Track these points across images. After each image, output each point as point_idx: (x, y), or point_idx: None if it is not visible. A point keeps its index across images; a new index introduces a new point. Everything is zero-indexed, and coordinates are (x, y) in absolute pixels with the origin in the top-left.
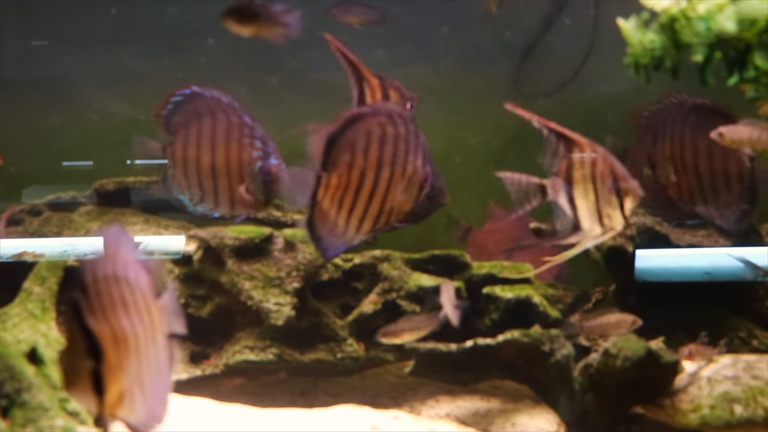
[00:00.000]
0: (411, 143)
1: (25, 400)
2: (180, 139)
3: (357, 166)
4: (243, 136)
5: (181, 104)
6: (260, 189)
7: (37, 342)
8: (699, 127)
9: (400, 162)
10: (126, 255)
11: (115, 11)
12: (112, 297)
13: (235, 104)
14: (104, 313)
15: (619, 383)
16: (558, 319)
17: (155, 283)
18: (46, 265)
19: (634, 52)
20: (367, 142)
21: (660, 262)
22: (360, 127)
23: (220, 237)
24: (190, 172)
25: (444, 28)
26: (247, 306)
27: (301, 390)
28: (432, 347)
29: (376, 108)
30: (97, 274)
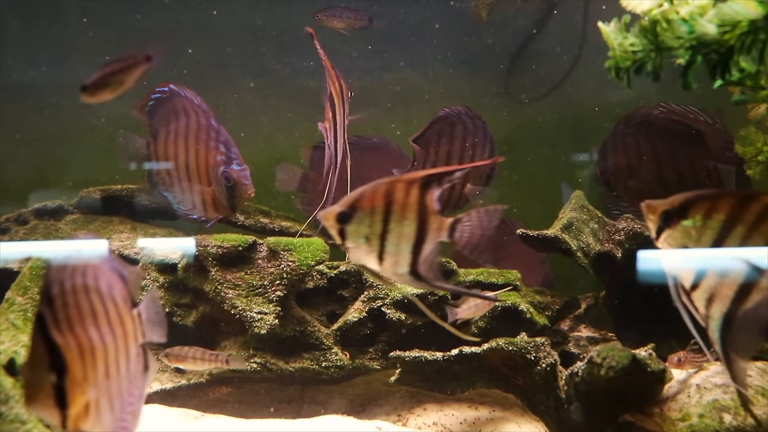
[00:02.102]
0: (480, 138)
1: (2, 412)
2: (161, 136)
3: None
4: (209, 139)
5: (161, 101)
6: (224, 194)
7: (16, 353)
8: (651, 138)
9: (468, 155)
10: (97, 264)
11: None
12: (80, 308)
13: (204, 106)
14: (71, 325)
15: (605, 392)
16: (546, 326)
17: (130, 293)
18: (29, 275)
19: (615, 56)
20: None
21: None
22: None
23: (204, 245)
24: (171, 169)
25: (433, 33)
26: (231, 315)
27: (289, 398)
28: (417, 355)
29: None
30: (65, 285)
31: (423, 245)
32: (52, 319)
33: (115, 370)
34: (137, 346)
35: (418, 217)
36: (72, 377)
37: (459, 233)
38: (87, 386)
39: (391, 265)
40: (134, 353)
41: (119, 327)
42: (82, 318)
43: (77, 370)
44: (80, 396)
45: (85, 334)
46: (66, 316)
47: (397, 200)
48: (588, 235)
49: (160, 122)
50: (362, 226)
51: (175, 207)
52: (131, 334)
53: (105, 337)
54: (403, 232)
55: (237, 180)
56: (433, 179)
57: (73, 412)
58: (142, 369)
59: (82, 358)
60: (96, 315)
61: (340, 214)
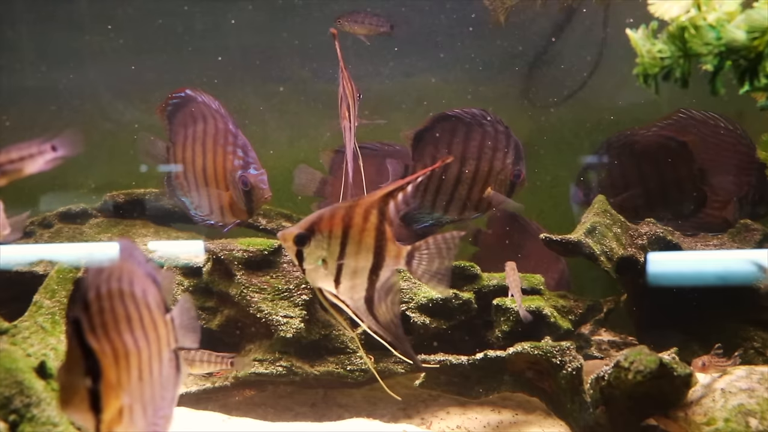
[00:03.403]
0: (500, 142)
1: (34, 415)
2: (179, 141)
3: None
4: (227, 144)
5: (178, 106)
6: (241, 198)
7: (46, 356)
8: (633, 157)
9: (487, 158)
10: (132, 269)
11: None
12: (116, 313)
13: (222, 110)
14: (106, 330)
15: (631, 396)
16: (569, 330)
17: (163, 298)
18: (56, 278)
19: (643, 62)
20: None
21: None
22: (445, 125)
23: (229, 249)
24: (189, 174)
25: (452, 37)
26: (257, 318)
27: (312, 402)
28: (442, 358)
29: (462, 110)
30: (101, 290)
31: (380, 271)
32: (87, 324)
33: (148, 374)
34: (170, 351)
35: (376, 243)
36: (106, 382)
37: (417, 261)
38: (121, 391)
39: (347, 289)
40: (167, 358)
41: (153, 332)
42: (117, 323)
43: (112, 374)
44: (114, 401)
45: (120, 339)
46: (101, 321)
47: (355, 225)
48: (611, 240)
49: (178, 127)
50: (320, 249)
51: (192, 212)
52: (164, 339)
53: (139, 342)
54: (360, 257)
55: (254, 184)
56: (389, 199)
57: (107, 417)
58: (174, 374)
59: (116, 363)
60: (130, 320)
61: (298, 235)
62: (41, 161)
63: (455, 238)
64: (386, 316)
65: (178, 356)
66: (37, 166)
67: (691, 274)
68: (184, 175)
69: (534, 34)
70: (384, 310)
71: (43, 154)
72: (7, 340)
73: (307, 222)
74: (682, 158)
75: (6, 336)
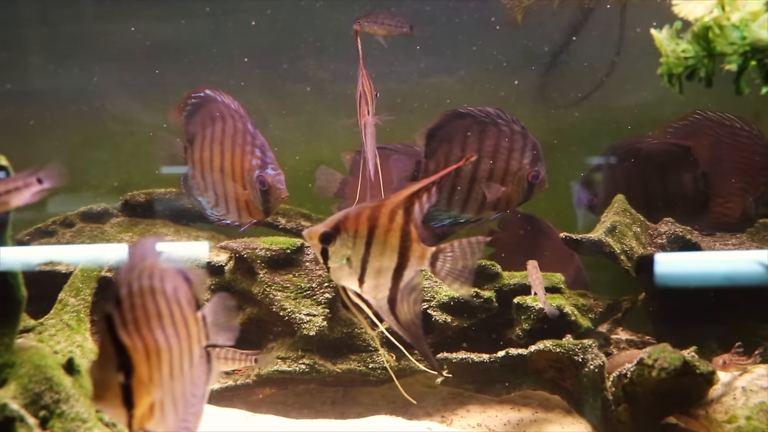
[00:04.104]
0: (516, 142)
1: (63, 410)
2: (197, 141)
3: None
4: (245, 144)
5: (197, 106)
6: (258, 198)
7: (73, 353)
8: (636, 164)
9: (503, 157)
10: (163, 266)
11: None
12: (147, 310)
13: (241, 111)
14: (137, 326)
15: (653, 394)
16: (589, 329)
17: (194, 295)
18: (81, 276)
19: (668, 62)
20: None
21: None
22: (459, 123)
23: (252, 248)
24: (206, 174)
25: (469, 38)
26: (279, 316)
27: (332, 399)
28: (464, 356)
29: (476, 108)
30: (133, 287)
31: (404, 271)
32: (120, 320)
33: (179, 371)
34: (200, 348)
35: (401, 243)
36: (138, 377)
37: (441, 262)
38: (152, 387)
39: (370, 289)
40: (197, 355)
41: (183, 329)
42: (148, 319)
43: (143, 370)
44: (146, 396)
45: (151, 336)
46: (133, 317)
47: (380, 225)
48: (631, 239)
49: (196, 127)
50: (345, 247)
51: (208, 212)
52: (195, 336)
53: (170, 338)
54: (385, 257)
55: (271, 184)
56: (414, 199)
57: (139, 412)
58: (205, 371)
59: (148, 359)
60: (162, 317)
61: (324, 234)
62: (27, 194)
63: (480, 242)
64: (407, 315)
65: (209, 354)
66: (24, 199)
67: (709, 274)
68: (201, 175)
69: (551, 34)
70: (405, 309)
71: (29, 187)
72: (34, 338)
73: (333, 221)
74: (685, 163)
75: (32, 333)
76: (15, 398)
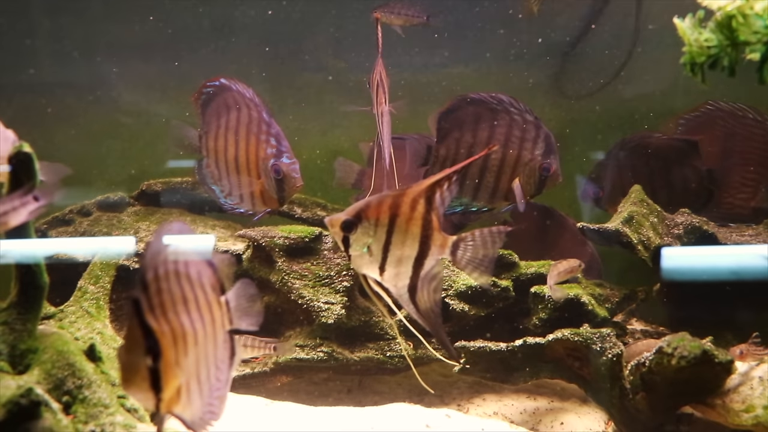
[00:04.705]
0: (528, 132)
1: (85, 396)
2: (212, 130)
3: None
4: (260, 132)
5: (212, 95)
6: (273, 187)
7: (94, 339)
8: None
9: (515, 146)
10: (188, 251)
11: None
12: (173, 294)
13: (256, 99)
14: (164, 310)
15: (671, 382)
16: (606, 319)
17: (218, 280)
18: (100, 264)
19: (691, 51)
20: (477, 124)
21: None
22: (471, 109)
23: (270, 236)
24: (220, 163)
25: (485, 28)
26: (298, 305)
27: (348, 388)
28: (482, 345)
29: (489, 95)
30: (159, 271)
31: (425, 260)
32: (147, 304)
33: (204, 355)
34: (224, 332)
35: (422, 232)
36: (166, 361)
37: (462, 252)
38: (179, 370)
39: (391, 277)
40: (221, 340)
41: (208, 313)
42: (174, 304)
43: (170, 354)
44: (173, 380)
45: (177, 320)
46: (160, 301)
47: (402, 213)
48: (648, 229)
49: (211, 115)
50: (366, 235)
51: (222, 201)
52: (219, 320)
53: (195, 323)
54: (406, 246)
55: (286, 173)
56: (436, 188)
57: (167, 396)
58: (228, 355)
59: (175, 343)
60: (187, 301)
61: (345, 222)
62: (25, 213)
63: (501, 231)
64: (427, 304)
65: (232, 338)
66: (22, 218)
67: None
68: (215, 163)
69: (567, 25)
70: (425, 298)
71: (26, 206)
72: (54, 324)
73: (355, 209)
74: (691, 159)
75: (53, 320)
76: (39, 383)
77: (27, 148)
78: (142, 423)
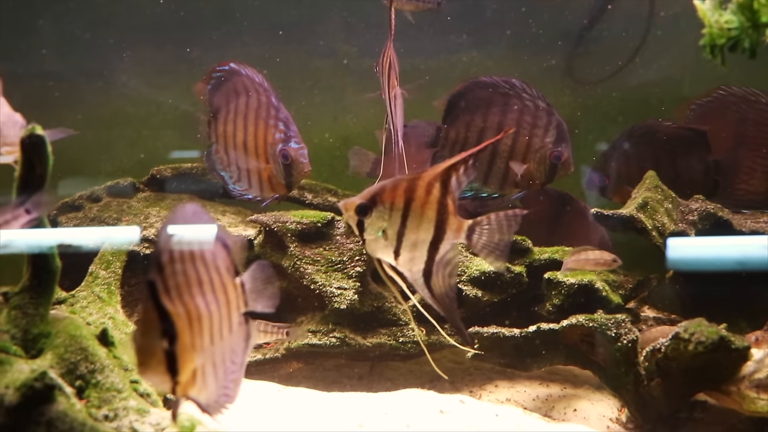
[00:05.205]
0: (540, 119)
1: (98, 381)
2: (221, 115)
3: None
4: (269, 117)
5: (222, 80)
6: (281, 172)
7: (106, 324)
8: (649, 146)
9: (525, 133)
10: (203, 233)
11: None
12: (188, 276)
13: (265, 84)
14: (180, 293)
15: (687, 369)
16: (620, 305)
17: (233, 261)
18: (111, 249)
19: (711, 33)
20: (488, 107)
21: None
22: (482, 92)
23: (283, 221)
24: (229, 148)
25: (498, 14)
26: (310, 290)
27: (359, 375)
28: (495, 331)
29: (500, 78)
30: (174, 254)
31: (440, 244)
32: (162, 287)
33: (219, 338)
34: (239, 315)
35: (437, 216)
36: (182, 344)
37: (477, 236)
38: (195, 353)
39: (406, 261)
40: (236, 322)
41: (223, 295)
42: (190, 285)
43: (186, 336)
44: (189, 363)
45: (193, 302)
46: (175, 283)
47: (417, 197)
48: (662, 215)
49: (220, 100)
50: (381, 219)
51: (230, 187)
52: (234, 302)
53: (210, 305)
54: (422, 230)
55: (294, 158)
56: (451, 172)
57: (183, 379)
58: (243, 338)
59: (190, 326)
60: (202, 283)
61: (360, 205)
62: (17, 225)
63: (517, 215)
64: (441, 289)
65: (248, 321)
66: None
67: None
68: (224, 149)
69: (580, 11)
70: (440, 283)
71: (18, 219)
72: (66, 309)
73: (370, 192)
74: (698, 149)
75: (65, 305)
76: (52, 368)
77: (39, 130)
78: (155, 408)
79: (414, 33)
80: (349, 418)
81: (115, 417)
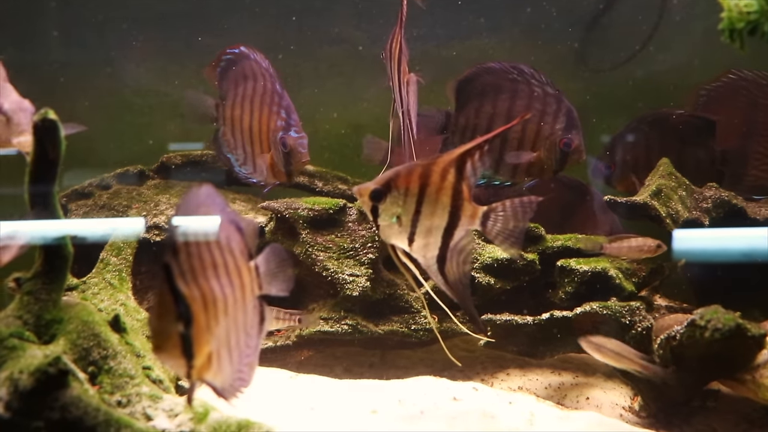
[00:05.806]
0: (549, 106)
1: (111, 367)
2: (230, 98)
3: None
4: (272, 104)
5: (231, 63)
6: (280, 160)
7: (117, 311)
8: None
9: (535, 120)
10: (217, 216)
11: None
12: (203, 260)
13: (271, 70)
14: (195, 276)
15: (702, 356)
16: (633, 293)
17: (247, 245)
18: (122, 237)
19: (730, 17)
20: (496, 94)
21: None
22: (491, 78)
23: (294, 208)
24: (236, 131)
25: (509, 1)
26: (322, 277)
27: (369, 363)
28: (508, 318)
29: (510, 64)
30: (189, 237)
31: (454, 231)
32: (177, 270)
33: (234, 321)
34: (254, 298)
35: (452, 202)
36: (197, 327)
37: (492, 222)
38: (210, 337)
39: (420, 247)
40: (251, 305)
41: (237, 279)
42: (204, 269)
43: (201, 320)
44: (205, 346)
45: (208, 285)
46: (190, 266)
47: (432, 183)
48: (676, 202)
49: (229, 84)
50: (395, 205)
51: (237, 169)
52: (248, 286)
53: (225, 288)
54: (436, 216)
55: (293, 147)
56: (466, 158)
57: (199, 362)
58: (258, 321)
59: (205, 309)
60: (216, 266)
61: (374, 191)
62: (15, 249)
63: (532, 202)
64: (455, 275)
65: (262, 304)
66: (12, 254)
67: None
68: (231, 132)
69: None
70: (454, 269)
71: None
72: (78, 296)
73: (384, 178)
74: (705, 139)
75: (76, 292)
76: (65, 353)
77: (52, 114)
78: (167, 394)
79: (424, 19)
80: (362, 404)
81: (128, 403)
